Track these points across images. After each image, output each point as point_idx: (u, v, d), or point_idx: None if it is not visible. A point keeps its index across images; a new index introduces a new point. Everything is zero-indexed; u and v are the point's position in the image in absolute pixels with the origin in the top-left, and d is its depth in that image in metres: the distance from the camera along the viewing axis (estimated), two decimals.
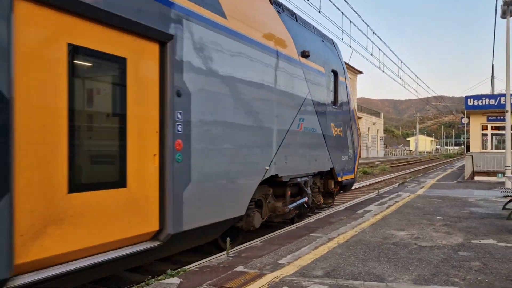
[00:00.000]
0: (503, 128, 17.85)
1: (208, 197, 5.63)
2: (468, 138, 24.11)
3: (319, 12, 13.69)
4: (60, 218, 3.84)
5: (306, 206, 8.94)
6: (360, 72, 63.40)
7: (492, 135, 21.42)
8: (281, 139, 7.45)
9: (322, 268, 4.93)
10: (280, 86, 7.49)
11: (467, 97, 20.11)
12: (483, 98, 19.69)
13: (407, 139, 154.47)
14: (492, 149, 21.47)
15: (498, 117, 20.00)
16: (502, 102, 18.19)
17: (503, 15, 14.16)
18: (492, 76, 30.66)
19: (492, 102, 19.39)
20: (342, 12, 15.53)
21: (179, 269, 4.99)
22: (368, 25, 19.06)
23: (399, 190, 14.47)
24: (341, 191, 11.18)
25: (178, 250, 5.68)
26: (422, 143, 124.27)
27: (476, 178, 19.57)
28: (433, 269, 4.90)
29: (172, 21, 4.99)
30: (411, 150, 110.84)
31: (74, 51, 4.04)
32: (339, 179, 10.27)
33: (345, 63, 10.29)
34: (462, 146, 74.58)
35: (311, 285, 4.30)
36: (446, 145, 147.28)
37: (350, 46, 20.92)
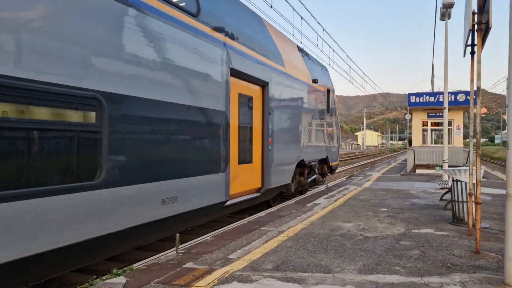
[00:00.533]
0: (441, 124, 18.92)
1: (278, 171, 9.84)
2: (410, 133, 25.39)
3: (271, 7, 13.78)
4: (235, 176, 7.89)
5: (313, 181, 13.15)
6: None
7: (431, 130, 22.64)
8: (305, 136, 11.66)
9: (271, 262, 5.00)
10: (306, 103, 11.89)
11: (409, 94, 21.04)
12: (424, 96, 20.68)
13: (355, 133, 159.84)
14: (431, 143, 22.72)
15: (437, 114, 21.16)
16: (440, 99, 19.24)
17: (442, 17, 14.96)
18: (432, 75, 32.35)
19: (431, 99, 20.43)
20: (294, 8, 15.71)
21: (125, 268, 4.87)
22: (318, 22, 19.42)
23: (347, 183, 14.96)
24: (329, 174, 15.33)
25: (265, 199, 9.94)
26: (369, 138, 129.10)
27: (418, 171, 20.63)
28: (377, 259, 5.13)
29: (268, 75, 9.24)
30: (359, 145, 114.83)
31: (240, 96, 8.13)
32: (330, 164, 14.72)
33: None
34: (406, 141, 78.53)
35: (260, 279, 4.35)
36: (391, 140, 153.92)
37: (301, 42, 21.27)
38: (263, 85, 9.11)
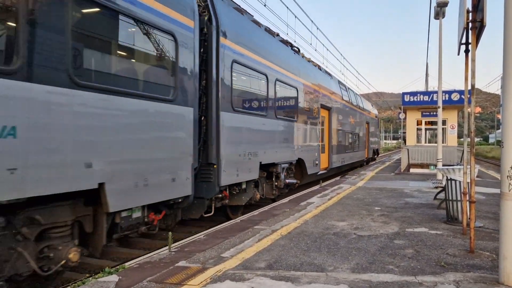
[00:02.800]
0: (435, 123, 18.96)
1: (370, 151, 28.79)
2: (404, 132, 25.58)
3: (265, 6, 13.73)
4: (366, 152, 27.06)
5: (374, 159, 32.21)
6: None
7: (426, 129, 22.68)
8: (374, 139, 30.43)
9: (265, 260, 4.96)
10: (375, 125, 30.89)
11: (404, 93, 21.03)
12: (418, 95, 20.68)
13: None
14: (425, 142, 22.77)
15: (431, 113, 21.19)
16: (434, 98, 19.26)
17: (436, 16, 14.97)
18: (426, 74, 32.45)
19: (426, 98, 20.44)
20: (287, 7, 15.68)
21: (118, 266, 4.81)
22: (312, 21, 19.44)
23: (341, 182, 14.96)
24: (377, 156, 34.81)
25: (367, 161, 27.75)
26: None
27: (412, 170, 20.65)
28: (371, 258, 5.10)
29: (368, 119, 26.86)
30: None
31: (366, 127, 27.47)
32: (378, 152, 36.66)
33: None
34: (400, 140, 78.84)
35: (253, 278, 4.31)
36: (385, 139, 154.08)
37: (295, 41, 21.23)
38: (368, 122, 25.41)
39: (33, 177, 4.04)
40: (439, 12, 14.58)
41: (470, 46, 5.61)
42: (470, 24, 5.45)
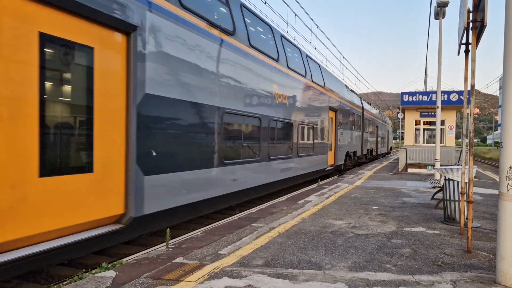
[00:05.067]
0: (434, 123, 18.98)
1: (389, 149, 51.43)
2: (403, 132, 25.90)
3: (265, 3, 13.68)
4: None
5: (389, 152, 48.56)
6: None
7: (424, 129, 22.70)
8: (390, 140, 51.19)
9: (262, 258, 4.96)
10: (390, 131, 51.20)
11: (403, 93, 21.01)
12: (417, 95, 20.68)
13: None
14: (423, 143, 22.80)
15: (430, 113, 21.23)
16: (433, 99, 19.30)
17: (437, 16, 14.98)
18: (426, 74, 32.51)
19: (424, 98, 20.44)
20: (288, 5, 15.63)
21: (115, 262, 4.80)
22: (312, 19, 19.38)
23: (339, 181, 14.96)
24: (391, 150, 54.01)
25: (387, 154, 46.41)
26: None
27: (410, 170, 20.66)
28: (368, 256, 5.11)
29: (386, 128, 44.91)
30: None
31: (386, 133, 47.99)
32: (392, 148, 56.49)
33: None
34: (398, 140, 79.47)
35: (250, 275, 4.31)
36: None
37: (294, 39, 21.18)
38: (388, 130, 43.07)
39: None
40: (439, 12, 14.58)
41: (470, 46, 5.61)
42: (470, 24, 5.45)
